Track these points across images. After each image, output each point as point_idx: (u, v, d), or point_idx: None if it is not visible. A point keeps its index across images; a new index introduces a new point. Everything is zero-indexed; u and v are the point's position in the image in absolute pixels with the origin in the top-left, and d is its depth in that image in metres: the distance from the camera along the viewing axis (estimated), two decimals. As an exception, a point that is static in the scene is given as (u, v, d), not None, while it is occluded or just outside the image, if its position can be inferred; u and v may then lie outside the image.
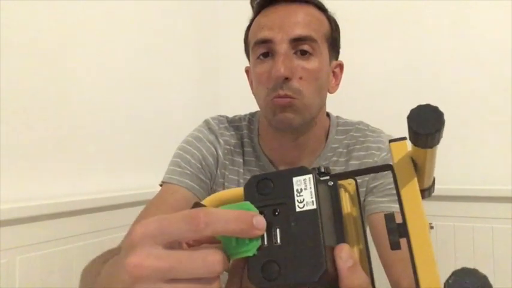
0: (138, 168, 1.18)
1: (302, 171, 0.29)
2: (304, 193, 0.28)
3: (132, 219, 0.81)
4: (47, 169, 0.92)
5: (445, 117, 0.28)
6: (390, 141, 0.32)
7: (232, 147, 0.83)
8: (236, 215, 0.27)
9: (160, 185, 0.79)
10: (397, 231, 0.30)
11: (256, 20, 0.77)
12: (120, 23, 1.14)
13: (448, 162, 1.26)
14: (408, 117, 0.27)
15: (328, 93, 0.80)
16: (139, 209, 0.81)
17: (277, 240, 0.27)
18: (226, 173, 0.82)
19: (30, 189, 0.88)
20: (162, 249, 0.27)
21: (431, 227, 0.31)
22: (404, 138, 0.31)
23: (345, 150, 0.82)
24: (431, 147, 0.28)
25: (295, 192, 0.28)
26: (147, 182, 1.17)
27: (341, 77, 0.82)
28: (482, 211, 1.18)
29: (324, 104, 0.80)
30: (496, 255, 1.15)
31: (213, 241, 0.29)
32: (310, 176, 0.28)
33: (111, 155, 1.09)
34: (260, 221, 0.27)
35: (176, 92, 1.36)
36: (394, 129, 1.03)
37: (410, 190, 0.30)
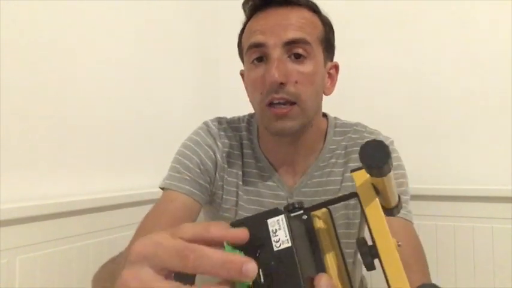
0: (138, 168, 1.18)
1: (274, 212, 0.31)
2: (279, 233, 0.30)
3: (132, 219, 0.81)
4: (47, 169, 0.92)
5: (446, 117, 0.29)
6: (351, 171, 0.36)
7: (231, 150, 0.83)
8: (224, 260, 0.27)
9: (162, 188, 0.79)
10: (369, 253, 0.33)
11: (248, 25, 0.77)
12: (120, 23, 1.14)
13: (449, 162, 1.26)
14: (359, 154, 0.31)
15: (324, 95, 0.80)
16: (139, 209, 0.81)
17: (261, 280, 0.29)
18: (225, 176, 0.82)
19: (30, 189, 0.88)
20: (151, 273, 0.28)
21: (399, 245, 0.34)
22: (362, 168, 0.34)
23: (343, 152, 0.82)
24: (385, 175, 0.32)
25: (271, 233, 0.30)
26: (147, 182, 1.17)
27: (337, 78, 0.82)
28: (482, 211, 1.17)
29: (320, 106, 0.81)
30: (496, 255, 1.15)
31: None
32: (282, 216, 0.31)
33: (111, 155, 1.09)
34: (250, 269, 0.27)
35: (176, 92, 1.36)
36: (394, 130, 1.03)
37: (375, 214, 0.34)
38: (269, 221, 0.31)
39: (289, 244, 0.30)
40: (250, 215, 0.33)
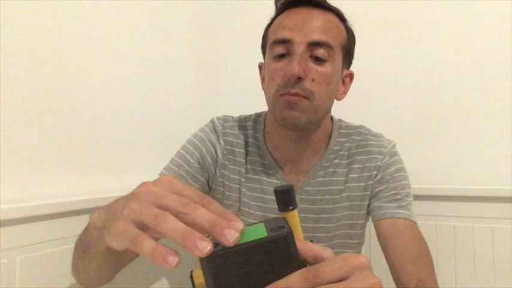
0: (138, 168, 1.18)
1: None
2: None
3: (132, 219, 0.82)
4: (46, 169, 0.92)
5: (446, 117, 0.29)
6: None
7: (234, 147, 0.84)
8: (184, 229, 0.32)
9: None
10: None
11: (278, 19, 0.79)
12: (120, 23, 1.13)
13: (449, 162, 1.26)
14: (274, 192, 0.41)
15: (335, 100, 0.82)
16: (139, 209, 0.82)
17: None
18: (227, 173, 0.83)
19: (30, 189, 0.88)
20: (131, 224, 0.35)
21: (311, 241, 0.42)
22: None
23: (346, 153, 0.84)
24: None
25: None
26: (147, 182, 1.16)
27: (350, 86, 0.85)
28: (482, 211, 1.18)
29: (330, 109, 0.82)
30: (496, 255, 1.15)
31: None
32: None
33: (111, 155, 1.09)
34: (203, 245, 0.30)
35: (176, 92, 1.36)
36: (394, 130, 1.03)
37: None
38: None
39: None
40: (253, 211, 0.35)
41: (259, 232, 0.32)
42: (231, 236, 0.30)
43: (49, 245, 0.86)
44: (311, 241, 0.39)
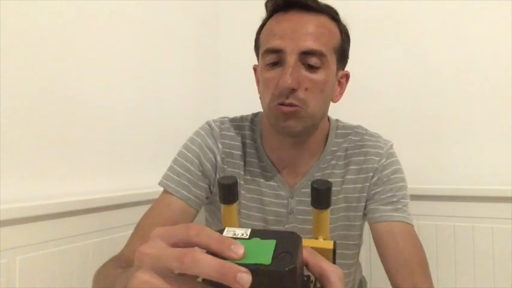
0: (139, 168, 1.18)
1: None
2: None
3: (132, 219, 0.81)
4: (47, 169, 0.92)
5: (446, 117, 0.29)
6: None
7: (232, 150, 0.83)
8: (220, 264, 0.28)
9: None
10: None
11: (269, 24, 0.77)
12: (120, 23, 1.13)
13: (449, 162, 1.26)
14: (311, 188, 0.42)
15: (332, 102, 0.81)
16: (139, 209, 0.82)
17: None
18: None
19: (30, 189, 0.88)
20: (154, 275, 0.30)
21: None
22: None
23: (343, 154, 0.83)
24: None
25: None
26: (148, 182, 1.17)
27: (346, 87, 0.84)
28: (482, 211, 1.17)
29: (326, 113, 0.82)
30: (496, 255, 1.15)
31: None
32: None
33: (111, 155, 1.09)
34: (244, 278, 0.27)
35: (176, 92, 1.36)
36: (394, 130, 1.03)
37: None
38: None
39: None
40: (253, 213, 0.33)
41: (266, 253, 0.30)
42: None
43: (49, 245, 0.87)
44: (334, 242, 0.37)
